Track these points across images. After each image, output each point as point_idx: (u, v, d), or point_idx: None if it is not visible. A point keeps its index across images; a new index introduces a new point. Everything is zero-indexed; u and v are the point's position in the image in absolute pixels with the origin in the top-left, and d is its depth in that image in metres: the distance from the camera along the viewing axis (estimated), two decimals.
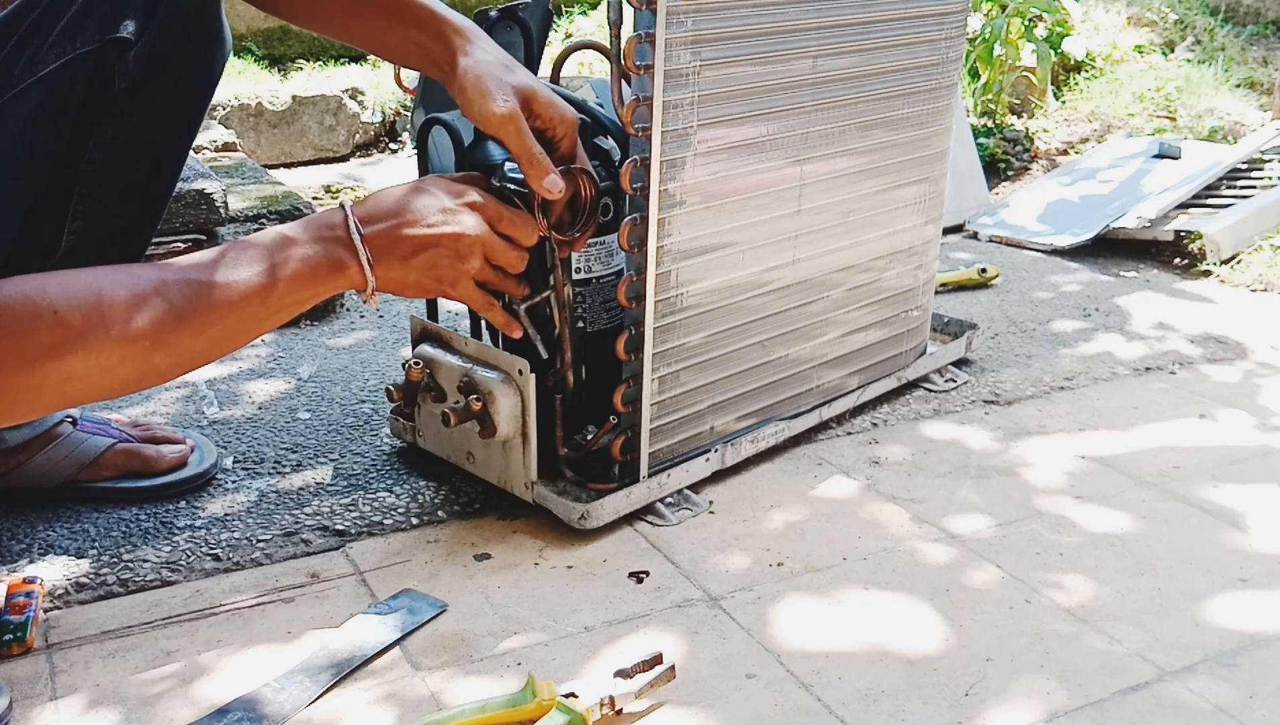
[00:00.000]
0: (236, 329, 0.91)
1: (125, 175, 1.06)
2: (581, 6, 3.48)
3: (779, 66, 1.18)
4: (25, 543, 1.12)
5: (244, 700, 0.90)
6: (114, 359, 0.84)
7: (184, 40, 1.04)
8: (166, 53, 1.03)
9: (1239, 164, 2.31)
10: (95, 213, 1.04)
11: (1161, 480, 1.30)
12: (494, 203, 1.02)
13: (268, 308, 0.91)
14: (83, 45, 0.95)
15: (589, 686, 0.89)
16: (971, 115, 2.84)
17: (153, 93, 1.03)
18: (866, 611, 1.04)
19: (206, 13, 1.06)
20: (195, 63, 1.07)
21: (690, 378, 1.21)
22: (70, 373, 0.82)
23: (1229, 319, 1.82)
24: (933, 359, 1.55)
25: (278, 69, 3.05)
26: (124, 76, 1.00)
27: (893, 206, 1.39)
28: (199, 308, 0.88)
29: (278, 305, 0.92)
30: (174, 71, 1.05)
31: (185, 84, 1.08)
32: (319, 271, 0.93)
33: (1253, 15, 3.52)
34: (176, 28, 1.03)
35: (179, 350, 0.88)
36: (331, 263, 0.94)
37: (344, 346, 1.65)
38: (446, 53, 1.05)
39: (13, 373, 0.80)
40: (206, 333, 0.88)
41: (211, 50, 1.08)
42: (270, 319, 0.92)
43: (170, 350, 0.87)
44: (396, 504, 1.21)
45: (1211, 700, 0.93)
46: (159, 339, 0.86)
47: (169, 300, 0.86)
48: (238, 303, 0.89)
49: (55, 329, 0.81)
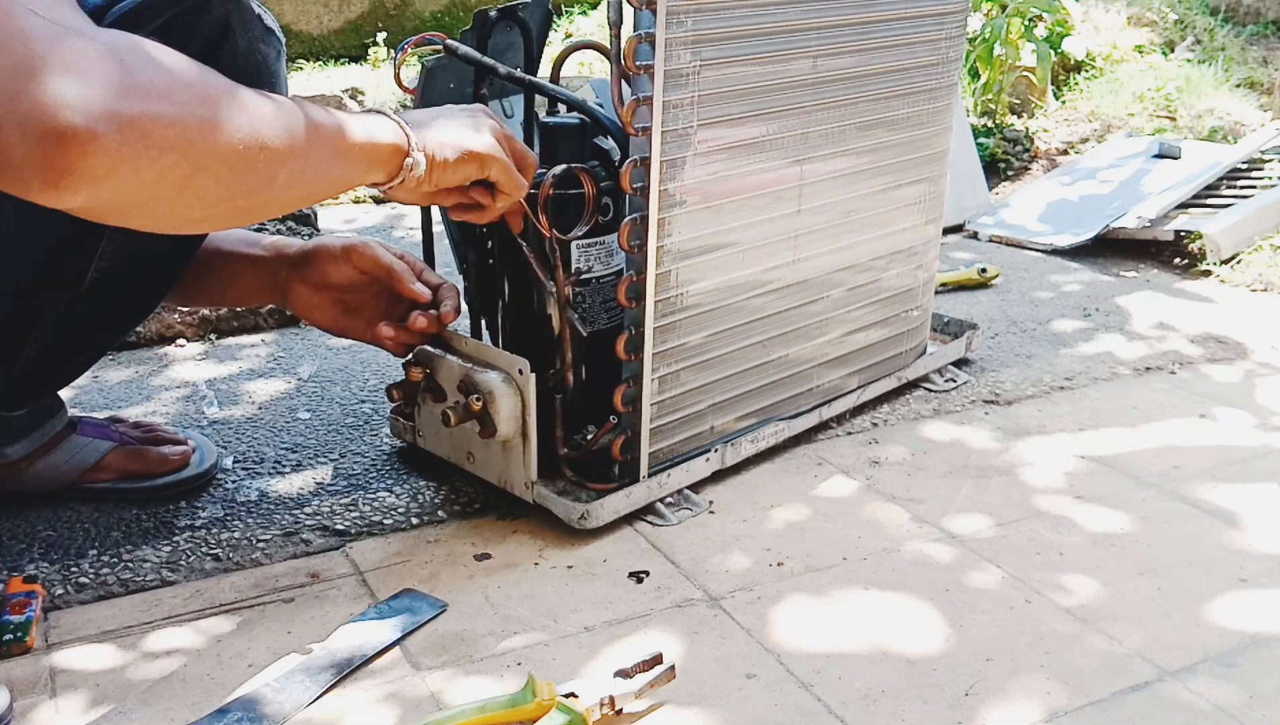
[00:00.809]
0: (305, 170, 0.88)
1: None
2: (581, 6, 3.48)
3: (779, 66, 1.18)
4: (25, 543, 1.12)
5: (244, 700, 0.90)
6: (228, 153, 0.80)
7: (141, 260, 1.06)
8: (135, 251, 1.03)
9: (1239, 164, 2.31)
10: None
11: (1162, 480, 1.30)
12: (522, 149, 1.07)
13: (338, 153, 0.91)
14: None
15: (589, 686, 0.89)
16: (971, 115, 2.84)
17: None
18: (866, 611, 1.04)
19: (266, 69, 1.04)
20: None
21: (690, 378, 1.21)
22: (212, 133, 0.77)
23: (1229, 319, 1.82)
24: (933, 359, 1.55)
25: None
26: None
27: (893, 206, 1.39)
28: (292, 129, 0.86)
29: (346, 154, 0.91)
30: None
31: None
32: (373, 126, 0.94)
33: (1253, 15, 3.52)
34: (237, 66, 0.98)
35: (263, 174, 0.83)
36: (379, 125, 0.95)
37: (344, 346, 1.65)
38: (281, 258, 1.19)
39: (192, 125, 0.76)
40: (291, 162, 0.86)
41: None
42: (333, 170, 0.91)
43: (261, 169, 0.83)
44: (396, 504, 1.21)
45: (1211, 700, 0.93)
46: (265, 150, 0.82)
47: (287, 115, 0.85)
48: (317, 138, 0.88)
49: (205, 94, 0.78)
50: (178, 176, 0.76)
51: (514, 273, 1.19)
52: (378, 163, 0.95)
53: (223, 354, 1.62)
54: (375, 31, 3.50)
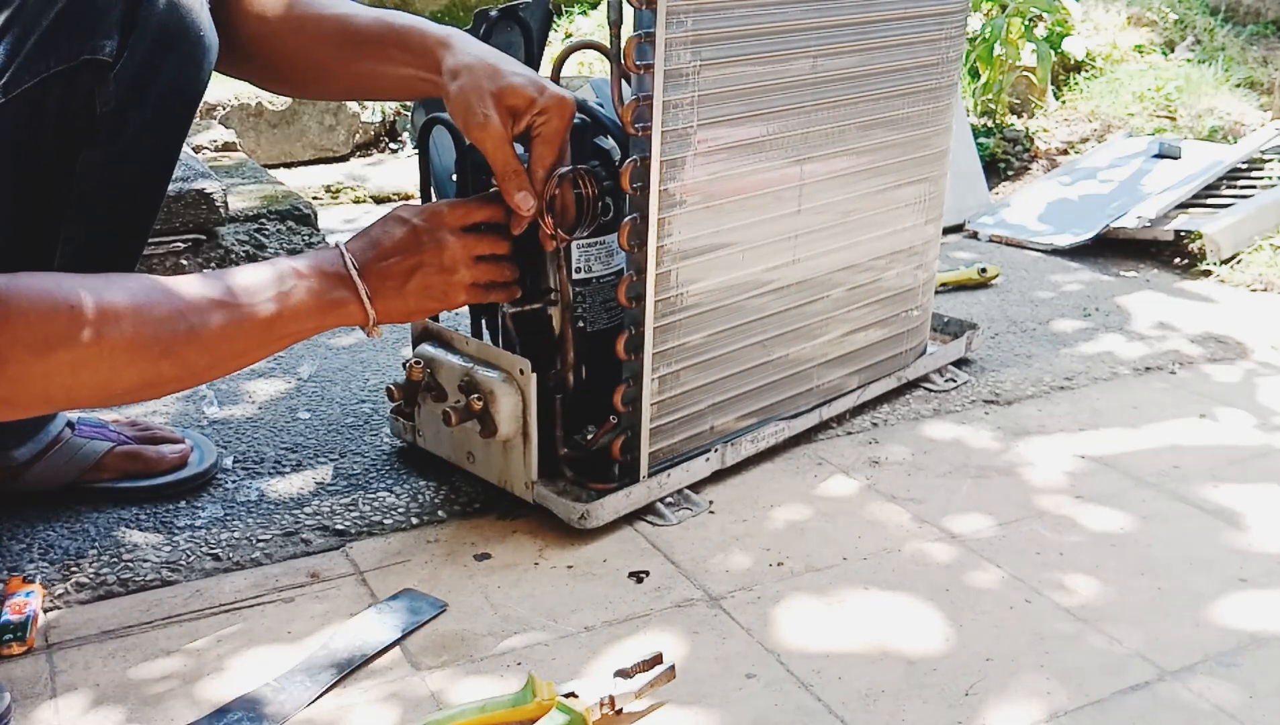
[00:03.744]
0: (241, 350, 0.95)
1: (116, 196, 1.04)
2: (581, 6, 3.48)
3: (779, 66, 1.18)
4: (25, 543, 1.12)
5: (244, 700, 0.90)
6: (123, 360, 0.86)
7: (168, 51, 1.00)
8: (150, 69, 0.99)
9: (1239, 164, 2.31)
10: (86, 236, 1.02)
11: (1162, 480, 1.30)
12: (458, 205, 1.08)
13: (273, 334, 0.96)
14: (57, 64, 0.91)
15: (589, 686, 0.89)
16: (971, 115, 2.84)
17: (139, 112, 1.00)
18: (867, 611, 1.04)
19: (191, 25, 1.01)
20: (182, 72, 1.03)
21: (690, 377, 1.21)
22: (79, 366, 0.83)
23: (1229, 319, 1.82)
24: (933, 359, 1.55)
25: None
26: (105, 100, 0.96)
27: (893, 206, 1.39)
28: (211, 324, 0.91)
29: (282, 332, 0.97)
30: (160, 85, 1.01)
31: (172, 96, 1.04)
32: (323, 308, 0.99)
33: (1253, 15, 3.52)
34: (159, 40, 0.98)
35: (185, 363, 0.90)
36: (335, 301, 1.00)
37: (344, 346, 1.65)
38: (436, 74, 1.07)
39: (26, 359, 0.81)
40: (214, 350, 0.92)
41: (198, 56, 1.05)
42: (273, 345, 0.98)
43: (177, 361, 0.89)
44: (396, 504, 1.20)
45: (1211, 700, 0.93)
46: (169, 348, 0.88)
47: (184, 313, 0.89)
48: (247, 325, 0.93)
49: (71, 321, 0.82)
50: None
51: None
52: (322, 327, 1.01)
53: None
54: None
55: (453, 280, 1.05)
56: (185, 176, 1.79)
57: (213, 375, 0.95)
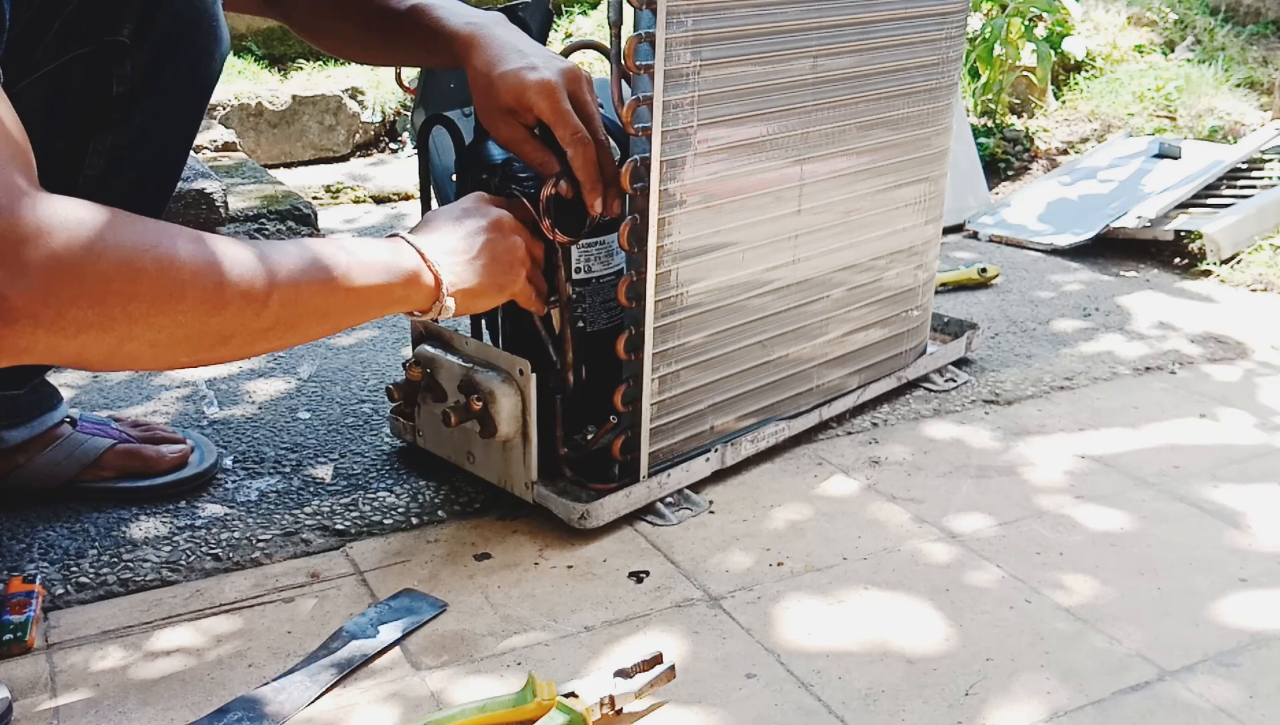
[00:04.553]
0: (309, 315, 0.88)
1: (127, 181, 1.04)
2: (581, 6, 3.48)
3: (779, 66, 1.18)
4: (25, 543, 1.12)
5: (244, 700, 0.90)
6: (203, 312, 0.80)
7: (183, 43, 1.03)
8: (165, 57, 1.01)
9: (1239, 164, 2.31)
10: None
11: (1162, 480, 1.30)
12: (521, 207, 1.08)
13: (349, 302, 0.91)
14: (77, 47, 0.93)
15: (589, 686, 0.89)
16: (971, 115, 2.84)
17: (153, 97, 1.02)
18: (867, 611, 1.04)
19: (205, 14, 1.05)
20: (195, 65, 1.06)
21: (690, 377, 1.21)
22: (165, 322, 0.78)
23: (1229, 319, 1.82)
24: (933, 359, 1.55)
25: (278, 69, 3.05)
26: (121, 81, 0.98)
27: (893, 206, 1.39)
28: (294, 279, 0.85)
29: (354, 303, 0.91)
30: (173, 75, 1.03)
31: (185, 87, 1.07)
32: (394, 277, 0.94)
33: (1253, 15, 3.52)
34: (176, 31, 1.01)
35: (260, 319, 0.84)
36: (406, 272, 0.95)
37: (344, 346, 1.65)
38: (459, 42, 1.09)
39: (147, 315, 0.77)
40: (293, 307, 0.86)
41: (211, 50, 1.08)
42: (344, 315, 0.92)
43: (256, 314, 0.83)
44: (396, 504, 1.21)
45: (1212, 700, 0.93)
46: (253, 299, 0.82)
47: (270, 269, 0.83)
48: (322, 286, 0.88)
49: (163, 272, 0.77)
50: (104, 348, 0.76)
51: None
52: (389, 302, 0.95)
53: None
54: None
55: (517, 268, 1.05)
56: (185, 176, 1.79)
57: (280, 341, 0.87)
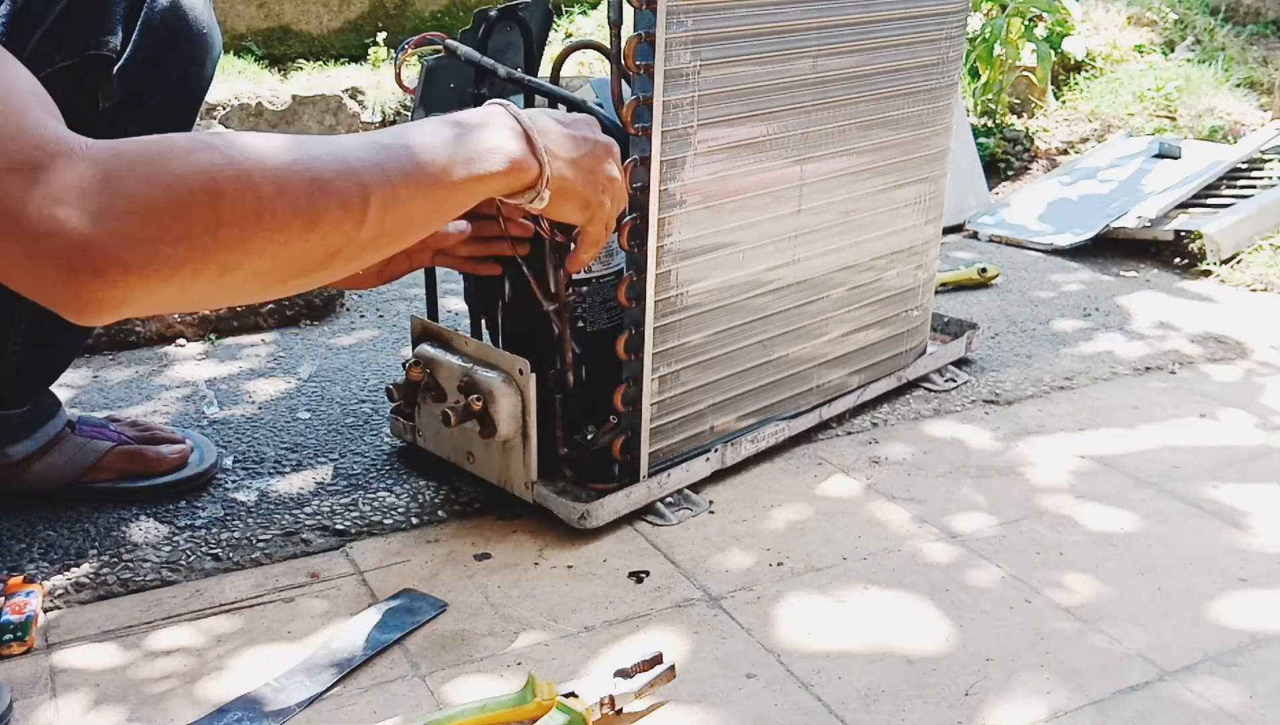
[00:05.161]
0: (412, 218, 0.81)
1: None
2: (581, 6, 3.48)
3: (779, 66, 1.18)
4: (25, 543, 1.12)
5: (244, 700, 0.90)
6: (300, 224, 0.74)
7: (171, 49, 1.00)
8: (154, 65, 0.99)
9: (1239, 164, 2.31)
10: None
11: (1162, 480, 1.30)
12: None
13: (451, 198, 0.83)
14: (62, 59, 0.90)
15: (589, 686, 0.89)
16: (971, 115, 2.84)
17: (143, 108, 1.00)
18: (867, 611, 1.04)
19: (195, 21, 1.02)
20: (185, 70, 1.03)
21: (690, 377, 1.21)
22: (259, 245, 0.71)
23: (1229, 319, 1.82)
24: (933, 359, 1.55)
25: (278, 69, 3.05)
26: (109, 95, 0.96)
27: (893, 206, 1.39)
28: (390, 180, 0.78)
29: (457, 198, 0.84)
30: (164, 82, 1.01)
31: (176, 93, 1.04)
32: (498, 166, 0.86)
33: (1253, 15, 3.52)
34: (163, 39, 0.99)
35: (363, 230, 0.77)
36: (511, 158, 0.86)
37: (344, 346, 1.65)
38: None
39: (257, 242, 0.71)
40: (394, 210, 0.79)
41: (201, 54, 1.04)
42: (448, 212, 0.84)
43: (358, 225, 0.76)
44: (396, 504, 1.20)
45: (1212, 700, 0.93)
46: (350, 208, 0.75)
47: (360, 172, 0.76)
48: (421, 186, 0.80)
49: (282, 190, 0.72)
50: (205, 284, 0.70)
51: (515, 273, 1.19)
52: (492, 184, 0.86)
53: (223, 354, 1.62)
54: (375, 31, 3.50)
55: (614, 183, 0.96)
56: None
57: (390, 245, 0.80)
